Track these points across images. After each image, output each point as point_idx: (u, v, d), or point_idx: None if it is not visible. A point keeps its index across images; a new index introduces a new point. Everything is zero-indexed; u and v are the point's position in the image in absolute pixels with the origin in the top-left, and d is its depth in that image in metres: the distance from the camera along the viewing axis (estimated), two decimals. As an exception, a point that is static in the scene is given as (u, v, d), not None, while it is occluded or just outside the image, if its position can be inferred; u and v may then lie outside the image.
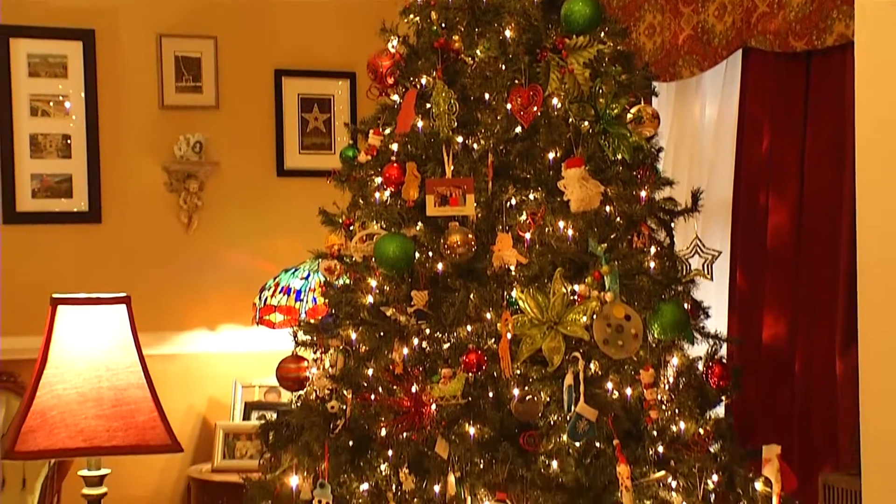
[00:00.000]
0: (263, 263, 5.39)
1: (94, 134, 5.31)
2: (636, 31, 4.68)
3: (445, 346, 3.43)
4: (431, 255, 3.44)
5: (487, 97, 3.49)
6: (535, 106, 3.33)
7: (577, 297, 3.20)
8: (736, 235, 4.46)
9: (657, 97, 3.88)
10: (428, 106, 3.51)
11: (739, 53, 4.40)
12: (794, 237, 4.21)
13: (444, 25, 3.58)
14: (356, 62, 5.43)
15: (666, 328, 3.21)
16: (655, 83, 3.76)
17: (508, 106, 3.39)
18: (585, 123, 3.35)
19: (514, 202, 3.41)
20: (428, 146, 3.50)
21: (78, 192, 5.30)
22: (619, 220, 3.36)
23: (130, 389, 2.78)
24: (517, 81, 3.39)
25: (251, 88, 5.61)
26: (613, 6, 4.77)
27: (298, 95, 5.68)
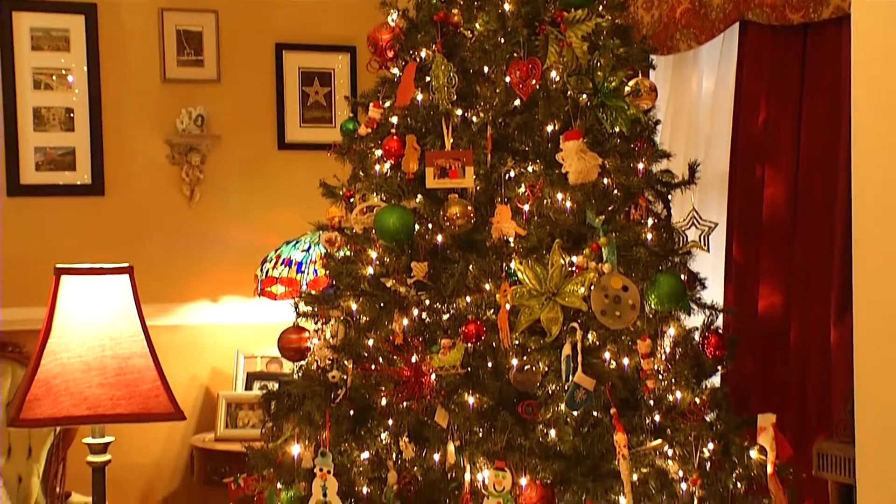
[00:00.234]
0: (265, 235, 5.38)
1: (96, 107, 5.30)
2: (634, 4, 4.66)
3: (445, 316, 3.43)
4: (431, 226, 3.44)
5: (486, 70, 3.48)
6: (533, 79, 3.32)
7: (575, 268, 3.21)
8: (732, 207, 4.45)
9: (655, 70, 3.87)
10: (427, 79, 3.50)
11: (736, 27, 4.38)
12: (789, 209, 4.21)
13: (443, -1, 3.57)
14: (356, 36, 5.41)
15: (663, 299, 3.21)
16: (653, 56, 3.75)
17: (507, 79, 3.38)
18: (583, 96, 3.35)
19: (512, 174, 3.41)
20: (427, 119, 3.50)
21: (81, 164, 5.30)
22: (616, 192, 3.35)
23: (134, 358, 2.79)
24: (516, 55, 3.38)
25: (252, 62, 5.59)
26: (611, -20, 4.74)
27: (299, 69, 5.66)
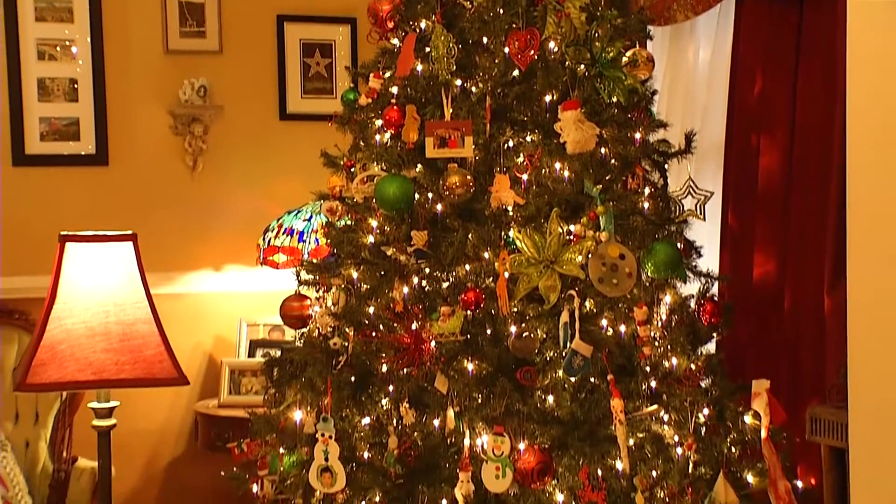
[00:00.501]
0: (267, 205, 5.37)
1: (100, 78, 5.28)
2: (631, -25, 4.64)
3: (444, 284, 3.43)
4: (431, 195, 3.43)
5: (485, 41, 3.47)
6: (532, 49, 3.31)
7: (572, 236, 3.20)
8: (728, 176, 4.44)
9: (652, 41, 3.86)
10: (427, 49, 3.49)
11: (733, -3, 4.37)
12: (784, 178, 4.20)
13: (442, -30, 3.55)
14: (357, 7, 5.39)
15: (659, 267, 3.21)
16: (650, 27, 3.74)
17: (506, 49, 3.36)
18: (581, 67, 3.33)
19: (511, 144, 3.40)
20: (427, 89, 3.48)
21: (85, 135, 5.28)
22: (614, 161, 3.35)
23: (138, 324, 2.78)
24: (515, 25, 3.37)
25: (254, 34, 5.56)
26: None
27: (300, 40, 5.63)
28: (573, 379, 3.20)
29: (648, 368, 3.28)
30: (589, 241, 3.16)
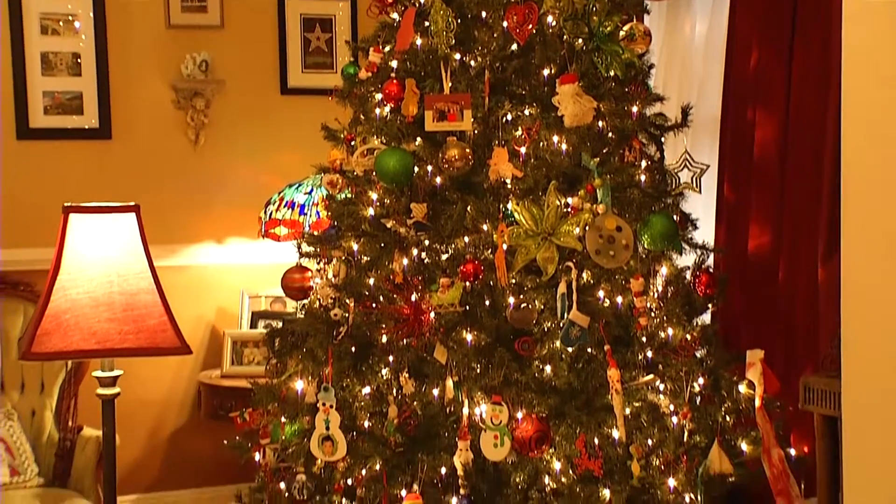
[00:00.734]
0: (268, 178, 5.37)
1: (102, 53, 5.25)
2: (629, -50, 4.61)
3: (444, 256, 3.43)
4: (430, 168, 3.43)
5: (484, 15, 3.45)
6: (530, 24, 3.29)
7: (570, 209, 3.20)
8: (724, 149, 4.44)
9: (649, 15, 3.84)
10: (426, 24, 3.47)
11: (730, -28, 4.35)
12: (779, 150, 4.19)
13: (441, -56, 3.52)
14: (357, -18, 5.37)
15: (655, 239, 3.21)
16: (647, 1, 3.72)
17: (505, 23, 3.35)
18: (579, 41, 3.32)
19: (509, 117, 3.39)
20: (426, 63, 3.47)
21: (88, 109, 5.26)
22: (611, 134, 3.34)
23: (141, 294, 2.78)
24: (513, 0, 3.35)
25: (255, 9, 5.54)
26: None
27: (301, 15, 5.60)
28: (570, 349, 3.21)
29: (645, 339, 3.28)
30: (586, 213, 3.16)
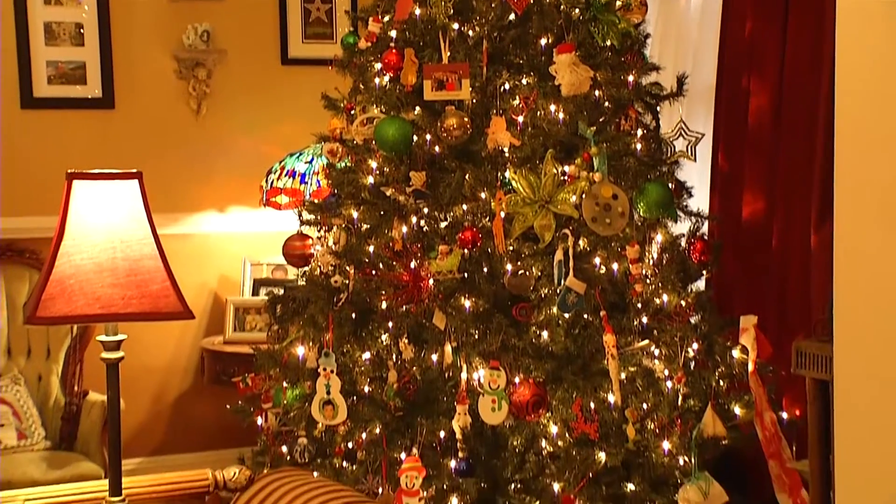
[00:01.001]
0: (269, 148, 5.35)
1: (105, 23, 5.22)
2: (626, -80, 4.58)
3: (442, 223, 3.43)
4: (429, 137, 3.42)
5: (482, -15, 3.44)
6: (527, -7, 3.28)
7: (567, 177, 3.20)
8: (719, 118, 4.43)
9: (645, -15, 3.80)
10: (425, -6, 3.45)
11: (725, -59, 4.32)
12: (773, 119, 4.19)
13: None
14: (356, -48, 5.34)
15: (651, 207, 3.21)
16: (644, -29, 3.69)
17: (502, -7, 3.33)
18: (576, 10, 3.31)
19: (507, 87, 3.38)
20: (425, 33, 3.46)
21: (91, 78, 5.24)
22: (607, 103, 3.34)
23: (144, 260, 2.77)
24: (511, -31, 3.33)
25: (255, -21, 5.51)
26: None
27: (301, -14, 5.58)
28: (567, 315, 3.21)
29: (640, 305, 3.29)
30: (583, 181, 3.15)
